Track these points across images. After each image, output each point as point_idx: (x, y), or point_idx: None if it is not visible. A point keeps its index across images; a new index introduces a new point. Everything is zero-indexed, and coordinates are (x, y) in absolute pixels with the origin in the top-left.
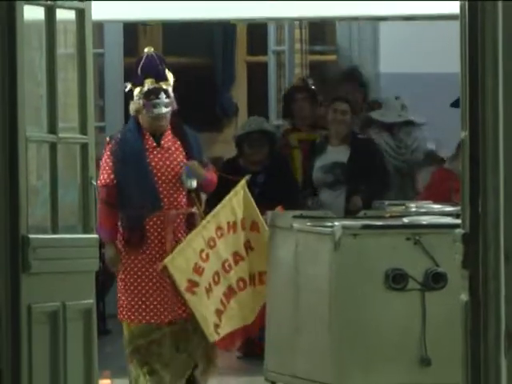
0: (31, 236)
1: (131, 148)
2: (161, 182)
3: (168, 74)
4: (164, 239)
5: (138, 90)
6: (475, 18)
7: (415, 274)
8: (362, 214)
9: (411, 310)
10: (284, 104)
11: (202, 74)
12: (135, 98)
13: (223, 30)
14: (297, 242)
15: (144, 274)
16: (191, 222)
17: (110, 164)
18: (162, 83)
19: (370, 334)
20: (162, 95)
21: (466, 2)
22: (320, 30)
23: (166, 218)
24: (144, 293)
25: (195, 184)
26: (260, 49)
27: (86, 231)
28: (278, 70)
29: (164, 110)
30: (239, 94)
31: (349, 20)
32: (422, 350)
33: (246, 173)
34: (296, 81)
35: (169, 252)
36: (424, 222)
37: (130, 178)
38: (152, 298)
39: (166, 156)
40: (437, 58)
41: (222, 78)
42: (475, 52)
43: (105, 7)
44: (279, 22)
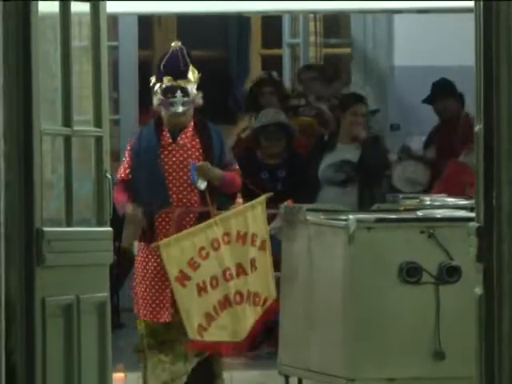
0: (46, 229)
1: (146, 144)
2: (171, 178)
3: (191, 71)
4: (170, 236)
5: (157, 85)
6: (490, 16)
7: (429, 267)
8: (375, 207)
9: (425, 304)
10: (248, 98)
11: (216, 66)
12: (156, 93)
13: (238, 23)
14: (310, 236)
15: (156, 269)
16: (203, 221)
17: (128, 159)
18: (180, 81)
19: (383, 327)
20: (179, 93)
21: (481, 2)
22: (334, 23)
23: (174, 214)
24: (154, 291)
25: (203, 185)
26: (274, 41)
27: (100, 224)
28: (292, 62)
29: (180, 109)
30: None
31: (363, 13)
32: (436, 343)
33: (264, 165)
34: (261, 74)
35: None
36: (438, 216)
37: (141, 174)
38: (161, 296)
39: (181, 153)
40: (451, 50)
41: (236, 71)
42: (490, 45)
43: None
44: (294, 15)
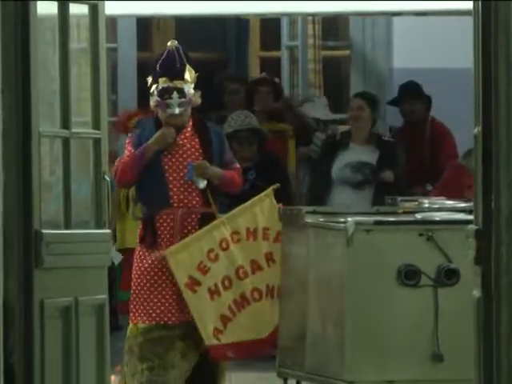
0: (44, 231)
1: (146, 141)
2: (171, 178)
3: (188, 71)
4: (173, 238)
5: (154, 86)
6: (488, 17)
7: (428, 270)
8: (374, 209)
9: (424, 306)
10: (246, 97)
11: (215, 68)
12: (153, 94)
13: (236, 25)
14: (309, 238)
15: (156, 273)
16: (206, 223)
17: (131, 149)
18: (176, 82)
19: (382, 329)
20: (175, 95)
21: (480, 1)
22: (333, 25)
23: (176, 216)
24: (152, 291)
25: (204, 184)
26: (273, 44)
27: (98, 226)
28: (291, 65)
29: (177, 111)
30: None
31: (362, 15)
32: (434, 346)
33: None
34: (262, 75)
35: None
36: (437, 218)
37: (142, 174)
38: (161, 297)
39: (180, 153)
40: (450, 52)
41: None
42: (488, 47)
43: (118, 2)
44: (292, 17)
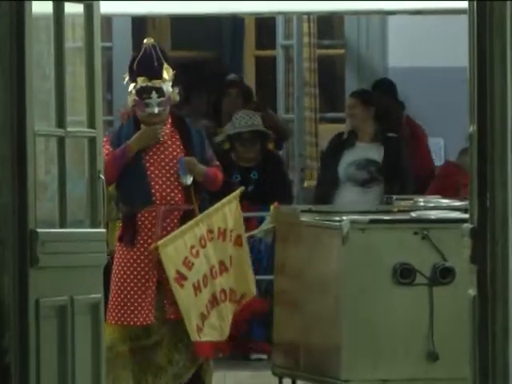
0: (39, 230)
1: (126, 140)
2: (153, 176)
3: (165, 69)
4: (154, 235)
5: (131, 85)
6: (483, 16)
7: (423, 268)
8: (374, 208)
9: (419, 305)
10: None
11: (210, 67)
12: (131, 93)
13: (232, 24)
14: (304, 237)
15: (136, 270)
16: (187, 220)
17: (109, 148)
18: (155, 81)
19: (377, 328)
20: (154, 94)
21: (475, 1)
22: (328, 24)
23: (158, 213)
24: (132, 293)
25: (190, 180)
26: (268, 43)
27: (94, 225)
28: (286, 64)
29: (156, 110)
30: None
31: (357, 14)
32: (429, 344)
33: (238, 167)
34: (232, 77)
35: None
36: (432, 217)
37: (123, 172)
38: (139, 299)
39: (161, 150)
40: (445, 52)
41: (230, 72)
42: (484, 46)
43: (113, 1)
44: (287, 16)
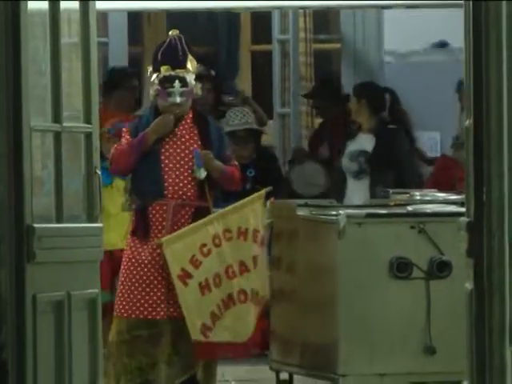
0: (36, 225)
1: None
2: (167, 169)
3: (190, 60)
4: (165, 229)
5: (154, 75)
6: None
7: (420, 262)
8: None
9: (416, 299)
10: None
11: (206, 62)
12: (154, 84)
13: (227, 19)
14: (301, 231)
15: (144, 263)
16: (200, 217)
17: (128, 137)
18: (178, 71)
19: (374, 322)
20: (177, 83)
21: (471, 1)
22: (324, 19)
23: (169, 207)
24: (137, 285)
25: (204, 174)
26: (264, 37)
27: (90, 220)
28: (282, 58)
29: (178, 100)
30: (243, 83)
31: (353, 8)
32: (426, 338)
33: None
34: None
35: None
36: (428, 211)
37: (138, 164)
38: (143, 292)
39: (178, 144)
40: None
41: (226, 67)
42: (479, 42)
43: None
44: (283, 11)
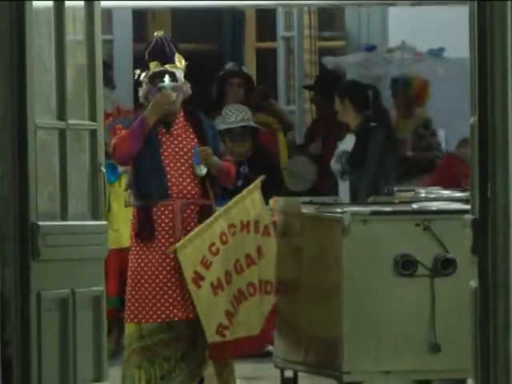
0: (41, 223)
1: None
2: (169, 169)
3: (178, 57)
4: (172, 230)
5: (143, 74)
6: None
7: (424, 260)
8: (371, 199)
9: (420, 296)
10: (217, 89)
11: (210, 60)
12: (143, 83)
13: (232, 16)
14: (306, 229)
15: (154, 265)
16: (205, 215)
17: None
18: (167, 66)
19: (379, 320)
20: (167, 78)
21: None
22: (329, 16)
23: (175, 207)
24: (150, 290)
25: (205, 171)
26: (269, 35)
27: (95, 218)
28: (287, 56)
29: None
30: None
31: (358, 5)
32: (431, 336)
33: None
34: (231, 66)
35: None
36: (433, 208)
37: (138, 166)
38: (158, 296)
39: (175, 143)
40: (445, 43)
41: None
42: (484, 40)
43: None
44: (288, 8)
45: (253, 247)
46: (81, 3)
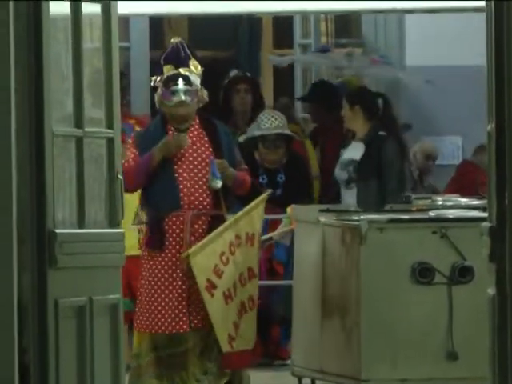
0: (58, 231)
1: (152, 143)
2: (182, 179)
3: (193, 63)
4: (182, 241)
5: (158, 78)
6: (501, 14)
7: (442, 267)
8: (388, 207)
9: (438, 304)
10: (224, 96)
11: (227, 67)
12: (158, 88)
13: (249, 23)
14: (323, 236)
15: (163, 276)
16: (216, 226)
17: (135, 151)
18: (181, 69)
19: (396, 328)
20: (181, 81)
21: (492, 1)
22: (346, 23)
23: (185, 218)
24: (160, 300)
25: (220, 184)
26: (286, 42)
27: (112, 226)
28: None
29: (183, 97)
30: (265, 87)
31: (375, 13)
32: (448, 344)
33: (264, 169)
34: (236, 72)
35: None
36: (450, 216)
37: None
38: (167, 307)
39: (190, 152)
40: (463, 50)
41: (247, 72)
42: (501, 45)
43: (131, 1)
44: (305, 15)
45: (255, 260)
46: (98, 9)
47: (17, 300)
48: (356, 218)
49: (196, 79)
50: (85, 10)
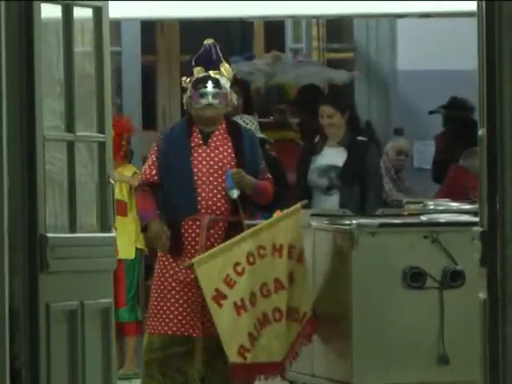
0: (49, 235)
1: (176, 144)
2: (200, 182)
3: (224, 66)
4: (198, 245)
5: (187, 80)
6: (492, 17)
7: (433, 272)
8: (379, 212)
9: (429, 309)
10: None
11: None
12: (187, 90)
13: (240, 28)
14: (314, 240)
15: (175, 281)
16: (233, 232)
17: (154, 159)
18: (211, 72)
19: (388, 332)
20: (210, 84)
21: (484, 1)
22: (337, 28)
23: (202, 222)
24: (173, 301)
25: (236, 194)
26: (278, 46)
27: (103, 230)
28: None
29: (211, 100)
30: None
31: (366, 17)
32: (440, 348)
33: None
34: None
35: None
36: (442, 220)
37: (169, 176)
38: (181, 308)
39: (211, 156)
40: (454, 55)
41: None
42: (493, 49)
43: (122, 5)
44: (296, 20)
45: (284, 272)
46: (89, 14)
47: (8, 304)
48: (348, 222)
49: (226, 83)
50: (76, 14)
